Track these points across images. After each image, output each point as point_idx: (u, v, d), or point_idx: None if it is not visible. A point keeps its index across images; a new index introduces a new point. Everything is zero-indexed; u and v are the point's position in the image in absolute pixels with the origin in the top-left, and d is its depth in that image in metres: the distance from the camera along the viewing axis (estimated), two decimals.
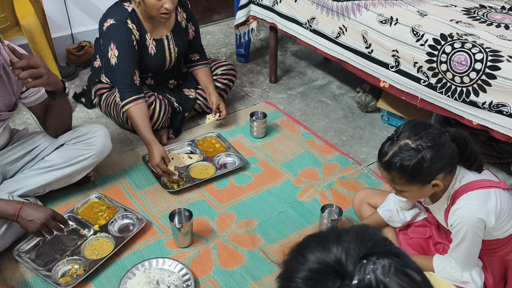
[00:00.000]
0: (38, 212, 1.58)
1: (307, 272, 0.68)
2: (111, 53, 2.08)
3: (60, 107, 1.79)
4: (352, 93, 2.78)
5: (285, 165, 2.21)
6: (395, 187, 1.40)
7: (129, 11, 2.10)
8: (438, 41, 1.83)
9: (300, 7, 2.36)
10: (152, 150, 2.00)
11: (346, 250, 0.66)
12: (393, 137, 1.36)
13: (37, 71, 1.54)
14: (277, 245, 1.81)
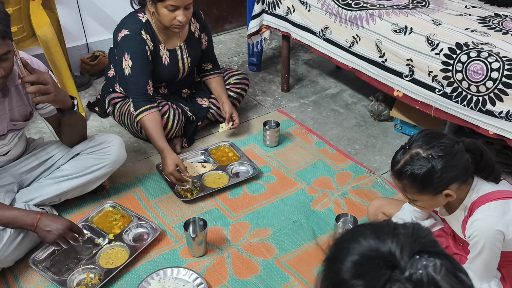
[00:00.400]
0: (56, 223, 1.61)
1: (358, 257, 0.69)
2: (125, 63, 2.10)
3: (71, 122, 1.81)
4: (365, 101, 2.77)
5: (298, 174, 2.21)
6: (407, 196, 1.40)
7: (143, 21, 2.12)
8: (453, 50, 1.82)
9: (313, 16, 2.37)
10: (166, 158, 2.01)
11: (401, 243, 0.68)
12: (405, 146, 1.37)
13: (45, 88, 1.56)
14: (291, 254, 1.80)
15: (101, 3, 3.00)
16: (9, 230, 1.64)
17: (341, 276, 0.69)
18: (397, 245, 0.68)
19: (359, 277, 0.68)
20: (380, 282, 0.65)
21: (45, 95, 1.57)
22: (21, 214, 1.61)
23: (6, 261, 1.66)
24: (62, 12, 2.78)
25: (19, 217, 1.60)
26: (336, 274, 0.70)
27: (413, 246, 0.68)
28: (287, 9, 2.51)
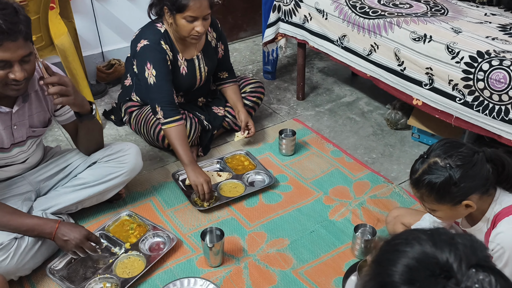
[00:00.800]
0: (74, 233, 1.63)
1: (412, 261, 0.68)
2: (148, 72, 2.09)
3: (88, 129, 1.81)
4: (381, 110, 2.74)
5: (315, 183, 2.18)
6: (426, 206, 1.38)
7: (162, 32, 2.12)
8: (474, 59, 1.80)
9: (331, 24, 2.36)
10: (193, 171, 1.99)
11: (460, 254, 0.67)
12: (424, 155, 1.35)
13: (65, 90, 1.58)
14: (309, 265, 1.78)
15: (116, 12, 3.02)
16: (27, 238, 1.64)
17: (391, 279, 0.67)
18: (456, 256, 0.66)
19: (411, 282, 0.66)
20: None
21: (65, 97, 1.59)
22: (40, 223, 1.63)
23: (24, 269, 1.66)
24: (79, 21, 2.81)
25: (38, 226, 1.62)
26: (385, 277, 0.68)
27: (471, 259, 0.66)
28: (304, 17, 2.50)
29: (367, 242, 1.76)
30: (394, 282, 0.67)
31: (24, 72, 1.46)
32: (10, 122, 1.62)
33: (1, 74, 1.44)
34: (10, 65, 1.44)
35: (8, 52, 1.41)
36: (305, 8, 2.48)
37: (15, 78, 1.45)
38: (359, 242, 1.77)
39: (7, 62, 1.43)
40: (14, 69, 1.44)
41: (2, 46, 1.39)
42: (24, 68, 1.47)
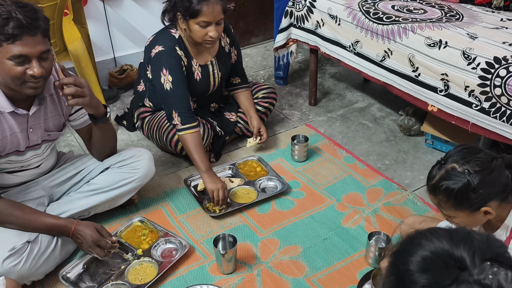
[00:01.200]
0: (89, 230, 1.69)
1: (429, 253, 0.71)
2: (164, 78, 2.08)
3: (103, 132, 1.82)
4: (394, 115, 2.72)
5: (327, 189, 2.16)
6: (443, 212, 1.36)
7: (176, 38, 2.12)
8: (491, 65, 1.77)
9: (343, 30, 2.35)
10: (210, 177, 1.99)
11: (474, 248, 0.70)
12: (441, 161, 1.34)
13: (81, 91, 1.60)
14: (323, 273, 1.76)
15: (129, 18, 3.04)
16: (39, 242, 1.65)
17: (407, 267, 0.71)
18: (470, 249, 0.69)
19: (426, 271, 0.69)
20: (447, 280, 0.67)
21: (80, 98, 1.61)
22: (59, 222, 1.68)
23: (37, 274, 1.66)
24: (92, 27, 2.82)
25: (58, 225, 1.67)
26: (402, 265, 0.72)
27: (485, 253, 0.69)
28: (316, 23, 2.50)
29: (381, 250, 1.74)
30: (410, 271, 0.71)
31: (42, 69, 1.48)
32: (26, 125, 1.64)
33: (19, 70, 1.45)
34: (28, 61, 1.45)
35: (27, 47, 1.42)
36: (317, 13, 2.47)
37: (34, 74, 1.46)
38: (373, 250, 1.75)
39: (26, 57, 1.44)
40: (32, 65, 1.46)
41: (22, 40, 1.41)
42: (42, 66, 1.48)
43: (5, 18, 1.39)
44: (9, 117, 1.58)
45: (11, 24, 1.39)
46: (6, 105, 1.55)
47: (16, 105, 1.58)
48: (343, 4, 2.34)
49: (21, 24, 1.39)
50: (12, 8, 1.40)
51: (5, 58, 1.43)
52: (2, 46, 1.41)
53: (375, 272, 1.65)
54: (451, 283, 0.67)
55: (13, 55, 1.42)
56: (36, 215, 1.65)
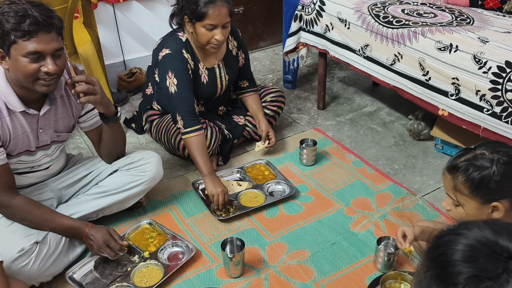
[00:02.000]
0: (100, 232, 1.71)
1: (474, 242, 0.69)
2: (170, 81, 2.09)
3: (113, 133, 1.83)
4: (403, 120, 2.70)
5: (336, 194, 2.15)
6: (454, 196, 1.35)
7: (183, 41, 2.13)
8: (503, 69, 1.75)
9: (353, 34, 2.34)
10: (211, 182, 1.99)
11: None
12: (471, 147, 1.35)
13: (92, 88, 1.62)
14: (331, 278, 1.74)
15: (138, 22, 3.05)
16: (48, 243, 1.65)
17: (451, 258, 0.69)
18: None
19: (472, 261, 0.67)
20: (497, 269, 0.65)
21: (92, 95, 1.62)
22: (76, 224, 1.72)
23: (45, 275, 1.67)
24: (102, 30, 2.84)
25: (75, 226, 1.71)
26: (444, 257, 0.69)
27: None
28: (326, 26, 2.49)
29: (390, 255, 1.72)
30: (455, 261, 0.68)
31: (56, 66, 1.49)
32: (36, 125, 1.65)
33: (34, 67, 1.47)
34: (43, 58, 1.47)
35: (42, 43, 1.45)
36: (327, 17, 2.47)
37: (48, 71, 1.48)
38: (382, 255, 1.73)
39: (41, 54, 1.46)
40: (46, 62, 1.48)
41: (37, 37, 1.44)
42: (55, 64, 1.50)
43: (21, 15, 1.42)
44: (21, 117, 1.60)
45: (27, 21, 1.41)
46: (18, 105, 1.57)
47: (27, 106, 1.60)
48: (353, 8, 2.34)
49: (37, 21, 1.42)
50: (28, 6, 1.44)
51: (20, 55, 1.45)
52: (17, 43, 1.43)
53: (383, 278, 1.64)
54: (502, 272, 0.65)
55: (29, 51, 1.44)
56: (53, 215, 1.70)
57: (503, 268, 0.66)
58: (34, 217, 1.65)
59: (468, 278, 0.66)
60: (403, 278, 1.65)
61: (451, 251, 0.70)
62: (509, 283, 0.65)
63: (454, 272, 0.68)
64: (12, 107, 1.56)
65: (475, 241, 0.70)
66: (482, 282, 0.65)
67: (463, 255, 0.68)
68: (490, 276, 0.66)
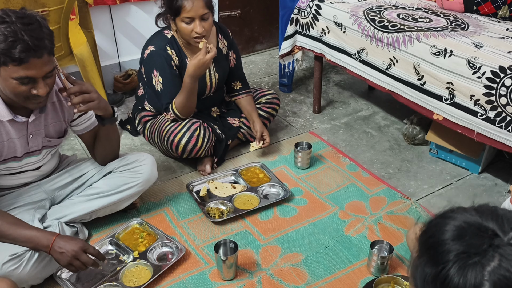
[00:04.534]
0: (70, 245, 1.54)
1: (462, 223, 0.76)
2: (155, 79, 2.15)
3: (108, 134, 1.82)
4: (398, 124, 2.71)
5: (330, 197, 2.15)
6: None
7: (169, 37, 2.17)
8: (496, 74, 1.76)
9: (349, 38, 2.35)
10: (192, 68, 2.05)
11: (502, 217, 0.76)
12: None
13: (89, 96, 1.60)
14: (324, 281, 1.74)
15: (134, 24, 3.05)
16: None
17: (441, 238, 0.75)
18: (498, 219, 0.74)
19: (460, 238, 0.73)
20: (483, 245, 0.72)
21: (90, 103, 1.61)
22: (38, 235, 1.54)
23: (36, 279, 1.65)
24: (98, 31, 2.84)
25: (36, 237, 1.54)
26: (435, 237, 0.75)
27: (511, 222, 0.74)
28: (322, 30, 2.50)
29: (383, 259, 1.72)
30: (445, 240, 0.74)
31: (47, 88, 1.48)
32: (26, 132, 1.63)
33: (24, 89, 1.45)
34: (34, 81, 1.44)
35: (34, 69, 1.41)
36: (323, 21, 2.48)
37: (38, 94, 1.46)
38: (375, 258, 1.73)
39: (32, 78, 1.43)
40: (38, 86, 1.45)
41: (28, 63, 1.39)
42: (46, 83, 1.48)
43: (12, 41, 1.36)
44: (7, 124, 1.57)
45: (18, 48, 1.36)
46: (5, 114, 1.54)
47: (16, 112, 1.57)
48: (349, 12, 2.35)
49: (28, 47, 1.37)
50: (18, 27, 1.37)
51: (10, 77, 1.41)
52: (8, 66, 1.39)
53: (377, 281, 1.64)
54: (487, 247, 0.71)
55: (19, 76, 1.41)
56: (15, 226, 1.53)
57: (489, 244, 0.72)
58: None
59: (457, 255, 0.72)
60: (396, 282, 1.65)
61: (440, 232, 0.76)
62: (494, 258, 0.71)
63: (444, 250, 0.74)
64: None
65: (463, 222, 0.76)
66: (470, 258, 0.71)
67: (451, 235, 0.75)
68: (477, 251, 0.72)
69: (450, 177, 2.29)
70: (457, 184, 2.25)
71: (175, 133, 2.17)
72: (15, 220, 1.57)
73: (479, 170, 2.28)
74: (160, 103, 2.20)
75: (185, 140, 2.14)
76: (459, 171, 2.33)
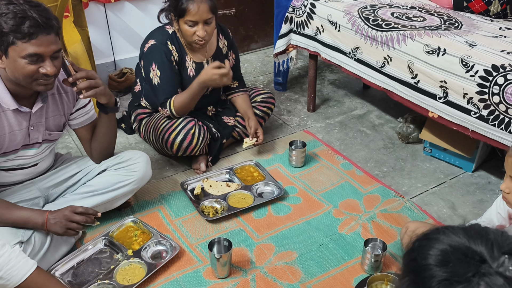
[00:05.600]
0: (59, 212, 1.66)
1: (447, 246, 0.70)
2: (153, 73, 2.15)
3: (109, 126, 1.84)
4: (392, 123, 2.72)
5: (324, 195, 2.15)
6: None
7: (170, 33, 2.18)
8: (489, 72, 1.77)
9: (343, 36, 2.35)
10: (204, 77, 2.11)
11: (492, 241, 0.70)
12: None
13: (95, 82, 1.64)
14: (318, 279, 1.74)
15: (129, 22, 3.04)
16: (32, 243, 1.64)
17: (425, 262, 0.69)
18: (487, 243, 0.69)
19: (445, 264, 0.68)
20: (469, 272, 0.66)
21: (96, 89, 1.64)
22: (33, 215, 1.65)
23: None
24: (93, 30, 2.83)
25: (32, 218, 1.64)
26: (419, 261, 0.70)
27: (502, 246, 0.68)
28: (316, 29, 2.50)
29: (377, 256, 1.73)
30: (428, 265, 0.69)
31: (54, 68, 1.49)
32: (28, 123, 1.64)
33: (32, 68, 1.46)
34: (42, 60, 1.47)
35: (42, 46, 1.44)
36: (317, 20, 2.48)
37: (47, 72, 1.48)
38: (369, 256, 1.73)
39: (40, 56, 1.46)
40: (46, 64, 1.47)
41: (37, 39, 1.42)
42: (54, 65, 1.49)
43: (21, 17, 1.40)
44: (11, 115, 1.58)
45: (27, 23, 1.40)
46: (10, 103, 1.56)
47: (19, 103, 1.59)
48: (343, 11, 2.35)
49: (37, 23, 1.41)
50: (26, 7, 1.42)
51: (19, 56, 1.44)
52: (16, 44, 1.42)
53: (370, 279, 1.64)
54: (473, 275, 0.66)
55: (28, 53, 1.43)
56: (12, 210, 1.63)
57: (474, 271, 0.66)
58: None
59: (440, 282, 0.67)
60: (389, 280, 1.66)
61: (424, 256, 0.70)
62: (480, 286, 0.65)
63: (427, 276, 0.69)
64: (4, 105, 1.56)
65: (448, 245, 0.70)
66: (452, 286, 0.66)
67: (435, 260, 0.69)
68: (460, 279, 0.66)
69: (443, 176, 2.30)
70: (451, 182, 2.26)
71: (170, 131, 2.17)
72: (8, 203, 1.65)
73: (472, 169, 2.29)
74: (156, 98, 2.21)
75: (180, 138, 2.14)
76: (452, 169, 2.34)
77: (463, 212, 2.07)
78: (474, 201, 2.13)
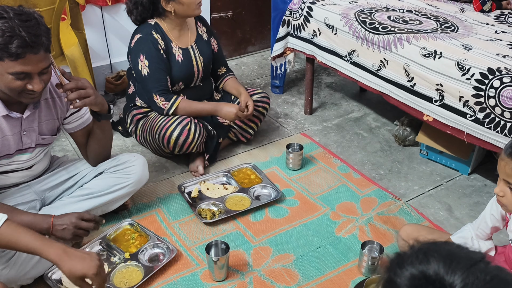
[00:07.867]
0: (67, 218, 1.65)
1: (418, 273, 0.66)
2: (141, 64, 2.19)
3: (103, 132, 1.82)
4: (389, 126, 2.73)
5: (321, 198, 2.16)
6: None
7: (152, 24, 2.24)
8: (485, 75, 1.78)
9: (340, 39, 2.36)
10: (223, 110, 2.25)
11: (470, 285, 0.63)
12: None
13: (85, 92, 1.61)
14: (315, 282, 1.75)
15: (126, 24, 3.03)
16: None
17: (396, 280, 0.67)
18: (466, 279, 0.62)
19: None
20: None
21: (86, 99, 1.62)
22: (37, 219, 1.63)
23: (25, 279, 1.64)
24: (89, 32, 2.82)
25: (36, 223, 1.61)
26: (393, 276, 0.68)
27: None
28: (313, 32, 2.51)
29: (374, 259, 1.73)
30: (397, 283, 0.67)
31: (42, 83, 1.48)
32: (19, 128, 1.63)
33: (19, 84, 1.45)
34: (29, 77, 1.45)
35: (30, 65, 1.42)
36: (314, 23, 2.49)
37: (33, 89, 1.47)
38: (366, 259, 1.74)
39: (27, 74, 1.44)
40: (33, 81, 1.46)
41: (25, 58, 1.40)
42: (42, 79, 1.48)
43: (9, 36, 1.36)
44: (2, 121, 1.57)
45: (15, 43, 1.37)
46: (0, 109, 1.54)
47: (10, 108, 1.57)
48: (340, 14, 2.36)
49: (25, 42, 1.38)
50: (15, 23, 1.38)
51: (6, 72, 1.42)
52: (4, 61, 1.40)
53: (367, 282, 1.65)
54: None
55: (15, 71, 1.42)
56: (14, 213, 1.59)
57: None
58: None
59: None
60: None
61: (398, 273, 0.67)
62: None
63: None
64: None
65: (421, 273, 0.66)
66: None
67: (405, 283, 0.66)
68: None
69: (440, 178, 2.31)
70: (447, 185, 2.27)
71: (167, 127, 2.17)
72: (12, 208, 1.64)
73: (468, 171, 2.30)
74: (145, 89, 2.23)
75: (176, 133, 2.15)
76: (449, 172, 2.35)
77: (459, 214, 2.08)
78: (470, 203, 2.14)
